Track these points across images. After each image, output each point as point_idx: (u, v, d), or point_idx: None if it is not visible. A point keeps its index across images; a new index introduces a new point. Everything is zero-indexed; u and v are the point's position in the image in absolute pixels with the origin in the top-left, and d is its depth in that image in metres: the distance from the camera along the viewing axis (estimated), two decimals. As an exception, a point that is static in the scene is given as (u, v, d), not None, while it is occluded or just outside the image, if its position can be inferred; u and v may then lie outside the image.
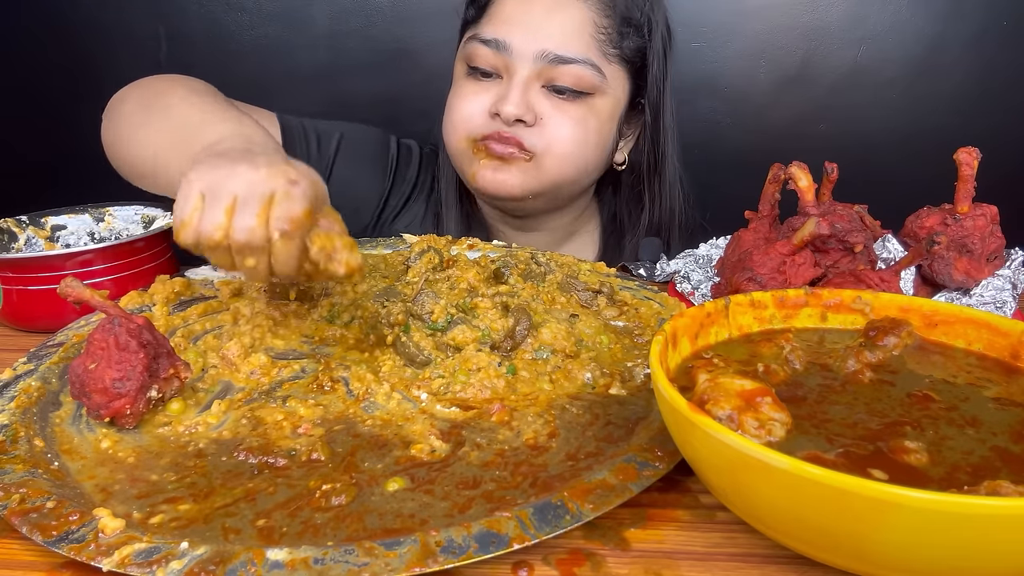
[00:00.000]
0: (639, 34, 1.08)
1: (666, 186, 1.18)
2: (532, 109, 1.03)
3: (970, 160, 0.79)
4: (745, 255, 0.80)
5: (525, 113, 1.01)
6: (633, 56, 1.08)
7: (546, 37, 1.01)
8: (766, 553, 0.48)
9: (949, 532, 0.36)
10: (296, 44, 1.94)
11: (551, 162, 1.05)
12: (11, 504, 0.49)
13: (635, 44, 1.08)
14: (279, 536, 0.47)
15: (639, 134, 1.17)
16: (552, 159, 1.05)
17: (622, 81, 1.09)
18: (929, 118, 1.90)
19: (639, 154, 1.17)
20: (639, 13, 1.08)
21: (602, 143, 1.10)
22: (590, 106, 1.05)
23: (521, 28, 1.02)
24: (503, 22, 1.04)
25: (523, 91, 1.02)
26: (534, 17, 1.03)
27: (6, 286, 0.81)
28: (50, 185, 1.18)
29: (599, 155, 1.11)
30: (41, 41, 1.97)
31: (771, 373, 0.53)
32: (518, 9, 1.04)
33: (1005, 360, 0.56)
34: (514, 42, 1.02)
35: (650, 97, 1.12)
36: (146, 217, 0.95)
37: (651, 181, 1.18)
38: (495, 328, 0.71)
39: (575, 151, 1.06)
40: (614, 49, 1.05)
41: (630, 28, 1.07)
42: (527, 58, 1.02)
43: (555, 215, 1.19)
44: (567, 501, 0.49)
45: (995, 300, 0.79)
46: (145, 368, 0.58)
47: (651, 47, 1.10)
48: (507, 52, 1.02)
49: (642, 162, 1.17)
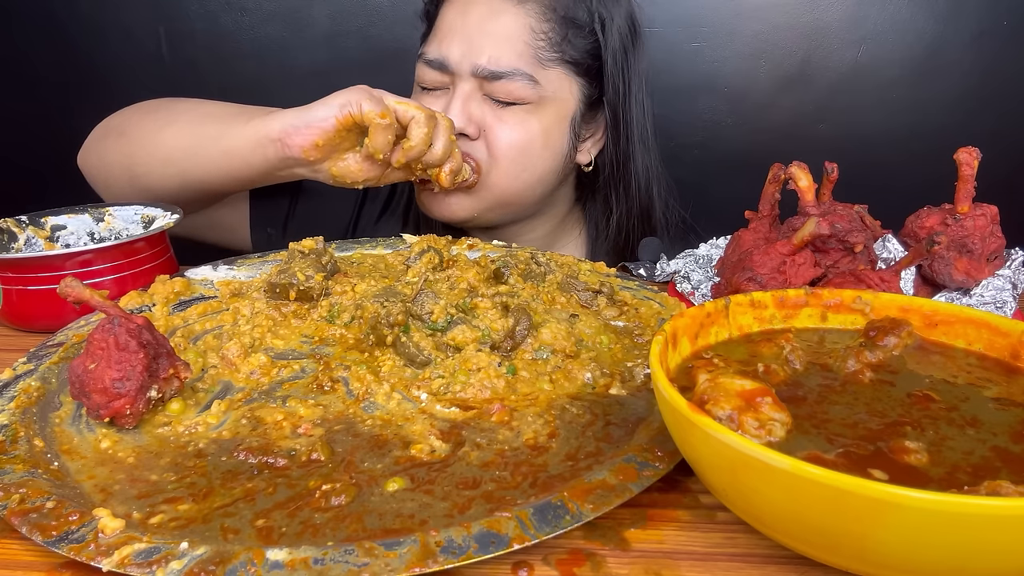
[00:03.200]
0: (586, 33, 1.06)
1: (633, 186, 1.16)
2: (474, 121, 1.04)
3: (970, 160, 0.79)
4: (745, 255, 0.80)
5: (467, 125, 1.02)
6: (582, 57, 1.07)
7: (480, 50, 1.02)
8: (766, 553, 0.48)
9: (949, 532, 0.36)
10: (296, 44, 1.94)
11: (496, 174, 1.05)
12: (11, 504, 0.49)
13: (583, 44, 1.06)
14: (279, 536, 0.47)
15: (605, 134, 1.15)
16: (497, 171, 1.05)
17: (567, 83, 1.07)
18: (929, 118, 1.90)
19: (604, 157, 1.15)
20: (585, 13, 1.06)
21: (552, 146, 1.08)
22: (531, 111, 1.05)
23: (459, 41, 1.04)
24: (444, 36, 1.05)
25: (464, 103, 1.03)
26: (470, 27, 1.04)
27: (6, 286, 0.81)
28: (50, 185, 1.18)
29: (551, 160, 1.09)
30: (41, 41, 1.97)
31: (771, 373, 0.53)
32: (456, 20, 1.05)
33: (1005, 360, 0.56)
34: (452, 58, 1.04)
35: (607, 96, 1.10)
36: (146, 217, 0.95)
37: (616, 182, 1.16)
38: (495, 328, 0.71)
39: (517, 159, 1.05)
40: (554, 53, 1.04)
41: (575, 29, 1.05)
42: (464, 73, 1.03)
43: (529, 225, 1.18)
44: (567, 501, 0.49)
45: (995, 300, 0.79)
46: (145, 368, 0.58)
47: (606, 46, 1.07)
48: (447, 70, 1.04)
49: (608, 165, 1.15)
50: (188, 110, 1.05)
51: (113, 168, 1.06)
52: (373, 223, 1.24)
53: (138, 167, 1.03)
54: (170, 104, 1.07)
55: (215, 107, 1.05)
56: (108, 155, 1.07)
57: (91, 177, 1.11)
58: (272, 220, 1.18)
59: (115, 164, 1.06)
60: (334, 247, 0.95)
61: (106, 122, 1.10)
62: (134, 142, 1.04)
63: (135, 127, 1.05)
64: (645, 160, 1.16)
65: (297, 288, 0.78)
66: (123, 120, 1.08)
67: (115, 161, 1.06)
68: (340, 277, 0.83)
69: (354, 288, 0.81)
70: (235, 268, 0.91)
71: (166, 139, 1.02)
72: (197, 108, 1.05)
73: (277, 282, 0.79)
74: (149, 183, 1.03)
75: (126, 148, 1.05)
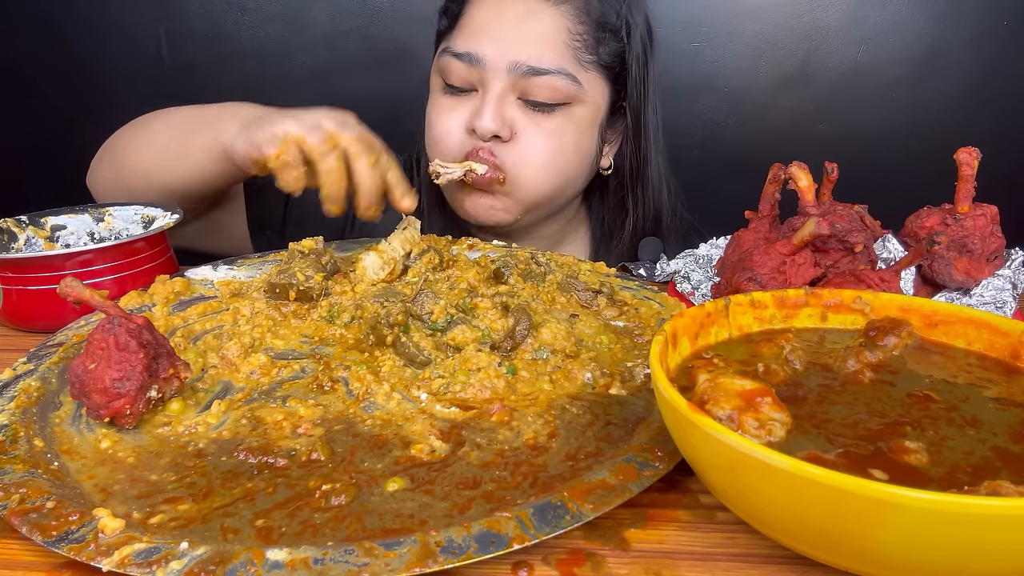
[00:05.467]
0: (616, 38, 1.06)
1: (650, 189, 1.17)
2: (508, 124, 1.01)
3: (970, 160, 0.79)
4: (745, 255, 0.80)
5: (501, 128, 1.00)
6: (611, 61, 1.06)
7: (518, 48, 0.99)
8: (766, 553, 0.48)
9: (949, 532, 0.36)
10: (296, 44, 1.94)
11: (526, 179, 1.04)
12: (11, 504, 0.49)
13: (613, 49, 1.06)
14: (278, 536, 0.47)
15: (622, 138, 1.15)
16: (527, 176, 1.03)
17: (600, 87, 1.07)
18: (929, 118, 1.90)
19: (621, 158, 1.16)
20: (615, 16, 1.05)
21: (583, 152, 1.08)
22: (568, 116, 1.04)
23: (493, 39, 1.01)
24: (474, 33, 1.02)
25: (497, 105, 1.01)
26: (505, 26, 1.01)
27: (6, 286, 0.81)
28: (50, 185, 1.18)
29: (581, 165, 1.09)
30: (41, 41, 1.97)
31: (771, 373, 0.53)
32: (489, 18, 1.02)
33: (1005, 360, 0.56)
34: (486, 55, 1.00)
35: (631, 101, 1.10)
36: (146, 217, 0.95)
37: (634, 185, 1.16)
38: (495, 328, 0.71)
39: (550, 165, 1.04)
40: (590, 56, 1.03)
41: (606, 33, 1.04)
42: (500, 70, 1.00)
43: (543, 225, 1.18)
44: (567, 501, 0.49)
45: (995, 300, 0.79)
46: (145, 368, 0.58)
47: (630, 50, 1.07)
48: (480, 65, 1.01)
49: (625, 166, 1.15)
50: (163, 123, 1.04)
51: (107, 187, 1.08)
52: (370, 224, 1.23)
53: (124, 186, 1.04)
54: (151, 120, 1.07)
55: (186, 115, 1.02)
56: (103, 174, 1.08)
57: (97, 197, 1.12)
58: (268, 221, 1.17)
59: (107, 182, 1.07)
60: (334, 247, 0.95)
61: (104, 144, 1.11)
62: (119, 161, 1.05)
63: (121, 147, 1.07)
64: (658, 164, 1.17)
65: (297, 288, 0.78)
66: (113, 141, 1.09)
67: (107, 179, 1.07)
68: (340, 277, 0.83)
69: (354, 288, 0.81)
70: (235, 268, 0.91)
71: (144, 156, 1.02)
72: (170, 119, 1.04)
73: (277, 282, 0.79)
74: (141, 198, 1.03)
75: (113, 169, 1.06)
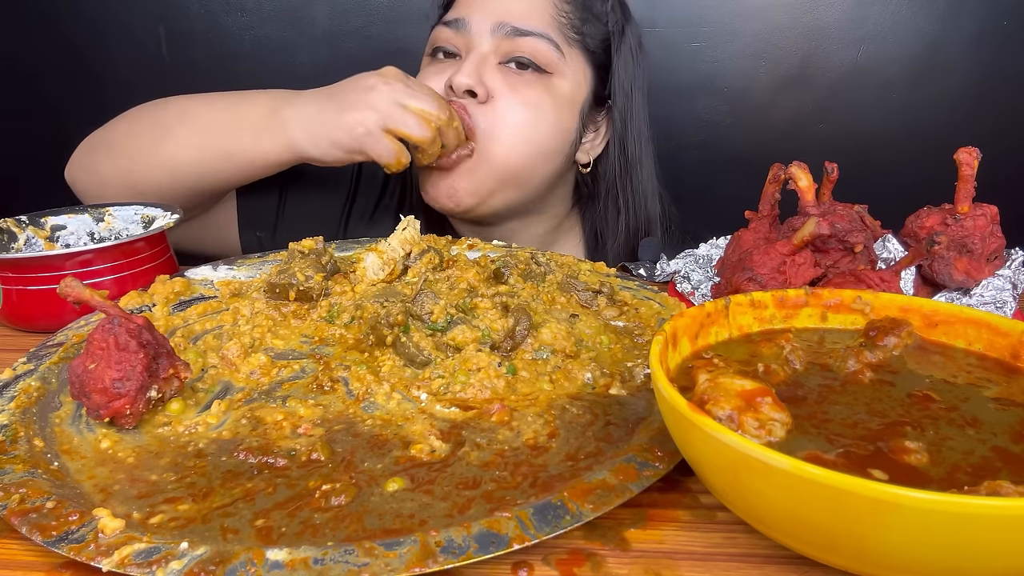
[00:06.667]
0: (601, 24, 1.09)
1: (639, 195, 1.17)
2: (484, 83, 1.02)
3: (970, 160, 0.79)
4: (745, 255, 0.80)
5: (476, 85, 1.01)
6: (596, 47, 1.09)
7: (504, 11, 1.03)
8: (766, 553, 0.48)
9: (949, 532, 0.36)
10: (296, 44, 1.94)
11: (497, 147, 1.03)
12: (11, 504, 0.49)
13: (597, 33, 1.09)
14: (278, 536, 0.47)
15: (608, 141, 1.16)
16: (498, 143, 1.03)
17: (583, 67, 1.09)
18: (929, 118, 1.90)
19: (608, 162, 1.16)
20: (600, 4, 1.09)
21: (561, 127, 1.08)
22: (547, 87, 1.04)
23: (481, 4, 1.05)
24: (464, 5, 1.07)
25: (477, 64, 1.03)
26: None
27: (6, 286, 0.81)
28: (50, 185, 1.18)
29: (556, 141, 1.08)
30: (41, 41, 1.97)
31: (771, 373, 0.53)
32: None
33: (1005, 360, 0.56)
34: (472, 18, 1.04)
35: (617, 101, 1.12)
36: (146, 217, 0.95)
37: (624, 189, 1.17)
38: (495, 328, 0.71)
39: (522, 134, 1.04)
40: (575, 34, 1.06)
41: (591, 15, 1.08)
42: (484, 32, 1.03)
43: (527, 223, 1.18)
44: (567, 501, 0.49)
45: (995, 300, 0.79)
46: (145, 368, 0.58)
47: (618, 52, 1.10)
48: (466, 29, 1.04)
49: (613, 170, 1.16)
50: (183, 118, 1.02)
51: (109, 181, 1.05)
52: (367, 219, 1.23)
53: (140, 182, 1.02)
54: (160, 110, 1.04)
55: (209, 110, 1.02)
56: (101, 169, 1.05)
57: (81, 191, 1.09)
58: (261, 220, 1.17)
59: (110, 178, 1.04)
60: (334, 247, 0.95)
61: (92, 137, 1.08)
62: (132, 156, 1.03)
63: (129, 140, 1.04)
64: (651, 172, 1.18)
65: (297, 288, 0.78)
66: (112, 134, 1.06)
67: (110, 175, 1.04)
68: (340, 277, 0.83)
69: (354, 288, 0.81)
70: (235, 268, 0.91)
71: (168, 152, 1.00)
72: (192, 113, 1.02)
73: (277, 282, 0.79)
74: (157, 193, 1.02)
75: (122, 163, 1.03)
